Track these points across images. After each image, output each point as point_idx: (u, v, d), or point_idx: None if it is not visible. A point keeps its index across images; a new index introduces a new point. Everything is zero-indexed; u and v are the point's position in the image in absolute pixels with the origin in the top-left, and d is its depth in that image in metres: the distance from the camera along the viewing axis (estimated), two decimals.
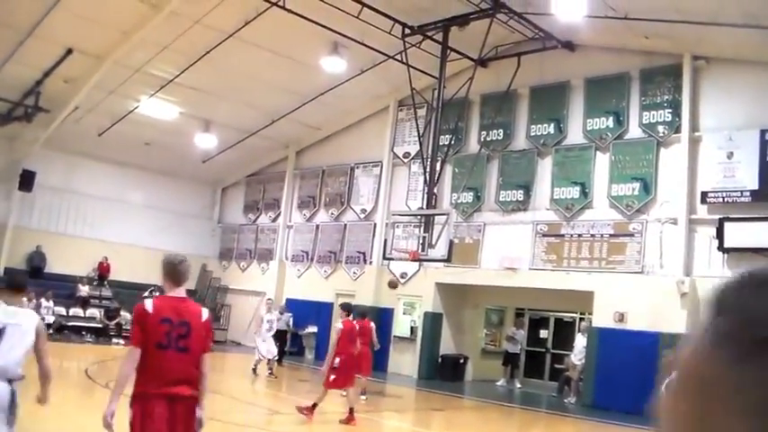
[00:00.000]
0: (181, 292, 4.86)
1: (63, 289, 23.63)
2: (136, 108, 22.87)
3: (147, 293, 24.45)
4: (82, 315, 23.01)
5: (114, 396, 4.65)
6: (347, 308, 12.43)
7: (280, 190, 27.04)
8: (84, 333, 22.33)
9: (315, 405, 11.21)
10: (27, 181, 23.72)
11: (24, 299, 5.74)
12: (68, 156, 25.28)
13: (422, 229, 20.05)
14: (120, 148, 25.33)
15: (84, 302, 23.49)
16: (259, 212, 27.92)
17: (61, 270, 24.73)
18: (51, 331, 21.39)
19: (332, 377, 11.25)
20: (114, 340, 22.27)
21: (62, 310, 22.55)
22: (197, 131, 24.26)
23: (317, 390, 11.97)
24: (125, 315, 23.35)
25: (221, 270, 28.60)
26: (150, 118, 23.21)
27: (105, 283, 25.07)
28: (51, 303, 22.02)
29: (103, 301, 23.71)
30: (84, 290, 23.85)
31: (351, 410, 11.32)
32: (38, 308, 21.38)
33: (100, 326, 22.81)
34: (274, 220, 27.11)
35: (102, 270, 25.56)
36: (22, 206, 24.60)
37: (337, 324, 11.81)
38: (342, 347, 11.30)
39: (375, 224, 22.96)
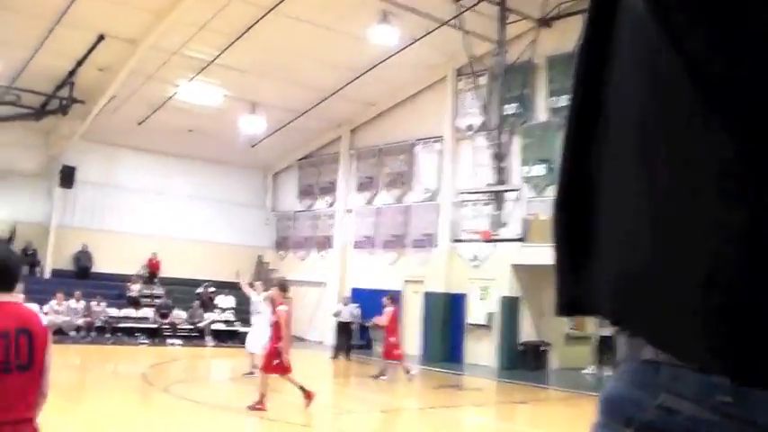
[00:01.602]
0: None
1: (112, 289, 24.64)
2: (176, 94, 23.66)
3: (201, 289, 25.39)
4: (134, 315, 23.90)
5: None
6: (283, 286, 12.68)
7: (335, 172, 27.54)
8: (137, 334, 23.22)
9: (262, 396, 11.52)
10: (67, 177, 24.78)
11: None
12: (108, 148, 26.35)
13: (492, 206, 20.19)
14: (162, 137, 26.24)
15: (136, 302, 24.42)
16: (315, 197, 28.49)
17: (109, 269, 25.77)
18: (108, 335, 22.48)
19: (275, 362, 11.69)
20: (169, 341, 23.14)
21: (113, 312, 23.44)
22: (242, 114, 24.84)
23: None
24: (179, 313, 24.21)
25: (278, 260, 29.36)
26: (192, 104, 23.97)
27: (156, 280, 26.00)
28: (103, 306, 22.94)
29: (155, 300, 24.57)
30: (134, 289, 24.74)
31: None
32: (87, 310, 22.42)
33: (153, 326, 23.70)
34: (332, 204, 27.65)
35: (152, 267, 26.48)
36: (64, 204, 25.76)
37: (281, 308, 12.16)
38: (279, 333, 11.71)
39: (440, 204, 23.17)
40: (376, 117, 26.10)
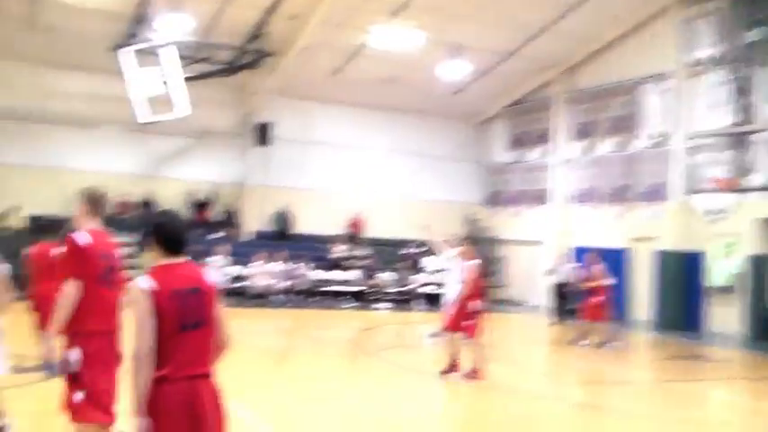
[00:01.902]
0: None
1: (314, 250, 25.71)
2: (370, 41, 24.05)
3: (408, 249, 25.88)
4: (338, 279, 24.78)
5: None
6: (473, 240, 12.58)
7: (548, 119, 27.08)
8: (341, 298, 24.07)
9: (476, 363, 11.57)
10: (263, 135, 25.97)
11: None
12: (303, 102, 27.40)
13: (733, 151, 19.07)
14: (359, 89, 26.90)
15: (339, 264, 25.34)
16: (527, 148, 28.17)
17: (310, 230, 26.84)
18: (312, 299, 23.48)
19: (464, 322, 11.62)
20: (375, 305, 23.92)
21: (316, 274, 24.40)
22: (443, 60, 24.79)
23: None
24: (385, 276, 24.82)
25: (489, 218, 29.46)
26: (388, 50, 24.30)
27: (359, 241, 26.78)
28: (306, 268, 23.96)
29: (360, 262, 25.30)
30: (337, 250, 25.54)
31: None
32: (290, 272, 23.51)
33: (358, 289, 24.49)
34: (545, 155, 27.21)
35: (355, 227, 27.23)
36: (261, 163, 27.03)
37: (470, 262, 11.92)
38: None
39: (671, 151, 22.12)
40: (593, 55, 25.27)
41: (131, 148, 25.58)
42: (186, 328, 4.03)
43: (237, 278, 23.12)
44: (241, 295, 22.51)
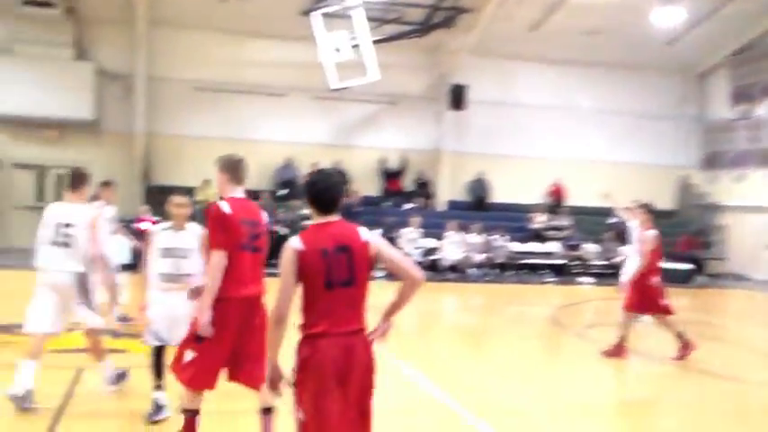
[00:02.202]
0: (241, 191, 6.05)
1: (512, 221, 25.39)
2: None
3: (615, 218, 25.04)
4: (538, 251, 24.38)
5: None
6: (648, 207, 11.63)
7: None
8: (542, 271, 23.67)
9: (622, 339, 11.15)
10: (458, 98, 25.77)
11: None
12: (500, 61, 26.98)
13: None
14: (559, 44, 26.16)
15: (540, 235, 24.91)
16: (754, 102, 26.39)
17: (507, 199, 26.52)
18: (510, 272, 23.21)
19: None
20: (579, 279, 23.26)
21: (514, 246, 24.09)
22: (655, 6, 23.55)
23: None
24: (589, 247, 24.16)
25: (707, 183, 28.03)
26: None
27: (561, 210, 26.19)
28: (503, 240, 23.68)
29: (561, 233, 24.75)
30: (537, 220, 25.13)
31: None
32: (486, 244, 23.31)
33: (560, 262, 23.98)
34: None
35: (556, 195, 26.68)
36: (455, 128, 26.95)
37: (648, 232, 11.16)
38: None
39: None
40: None
41: (321, 117, 26.21)
42: (335, 286, 4.37)
43: (430, 251, 23.15)
44: (433, 269, 22.53)
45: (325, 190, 4.53)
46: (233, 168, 6.09)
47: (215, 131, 25.10)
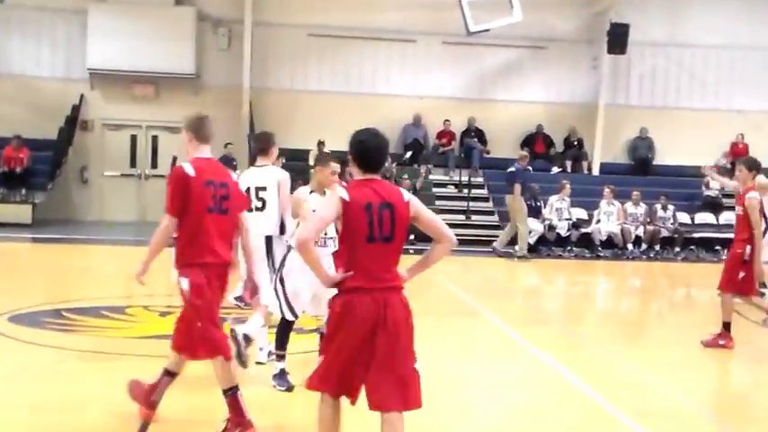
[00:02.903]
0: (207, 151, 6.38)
1: (682, 187, 24.65)
2: None
3: None
4: (712, 223, 23.60)
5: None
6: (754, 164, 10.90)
7: None
8: (718, 248, 22.88)
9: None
10: (618, 39, 24.86)
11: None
12: None
13: None
14: None
15: (714, 204, 24.07)
16: None
17: (676, 161, 25.66)
18: (678, 248, 22.55)
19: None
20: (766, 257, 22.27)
21: (683, 218, 23.38)
22: None
23: None
24: None
25: None
26: None
27: None
28: (670, 210, 22.96)
29: None
30: (713, 186, 24.30)
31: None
32: (650, 215, 22.65)
33: None
34: None
35: (737, 155, 25.70)
36: (614, 77, 26.33)
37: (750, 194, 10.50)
38: None
39: None
40: None
41: (454, 66, 26.02)
42: (375, 241, 4.99)
43: (581, 222, 22.57)
44: (585, 244, 22.03)
45: (373, 149, 5.21)
46: (196, 127, 6.36)
47: (332, 85, 25.22)
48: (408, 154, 24.28)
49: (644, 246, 22.55)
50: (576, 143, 25.83)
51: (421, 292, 11.69)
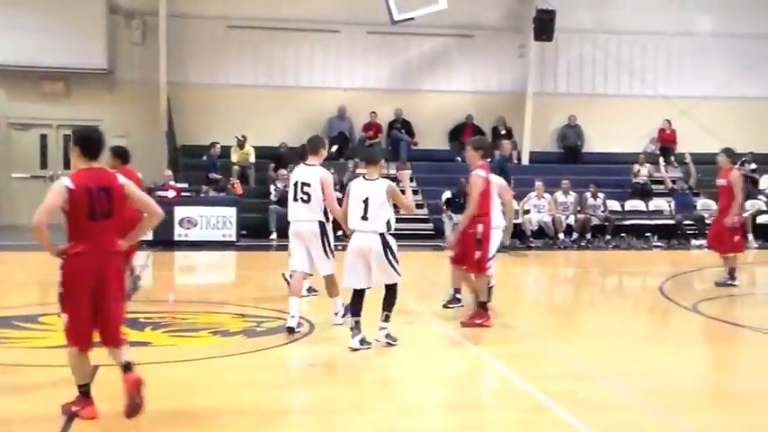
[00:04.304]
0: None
1: (610, 174, 24.83)
2: None
3: (740, 166, 24.30)
4: (642, 209, 23.79)
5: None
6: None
7: None
8: (647, 234, 23.07)
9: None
10: (545, 26, 24.89)
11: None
12: None
13: None
14: None
15: (644, 191, 24.17)
16: None
17: (605, 148, 25.90)
18: (609, 236, 22.65)
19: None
20: (694, 242, 22.54)
21: (613, 205, 23.54)
22: None
23: None
24: (707, 203, 23.48)
25: None
26: None
27: (671, 159, 25.49)
28: (600, 198, 23.08)
29: (671, 187, 24.01)
30: (641, 173, 24.53)
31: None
32: (580, 204, 22.75)
33: (669, 222, 23.29)
34: None
35: (665, 140, 25.99)
36: (541, 65, 26.47)
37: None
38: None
39: None
40: None
41: (379, 57, 25.98)
42: (96, 217, 6.31)
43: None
44: (515, 235, 22.01)
45: (94, 141, 6.57)
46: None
47: (253, 79, 24.95)
48: (334, 148, 24.03)
49: (575, 234, 22.64)
50: (504, 133, 25.80)
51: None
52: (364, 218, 9.20)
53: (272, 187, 22.37)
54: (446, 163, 24.85)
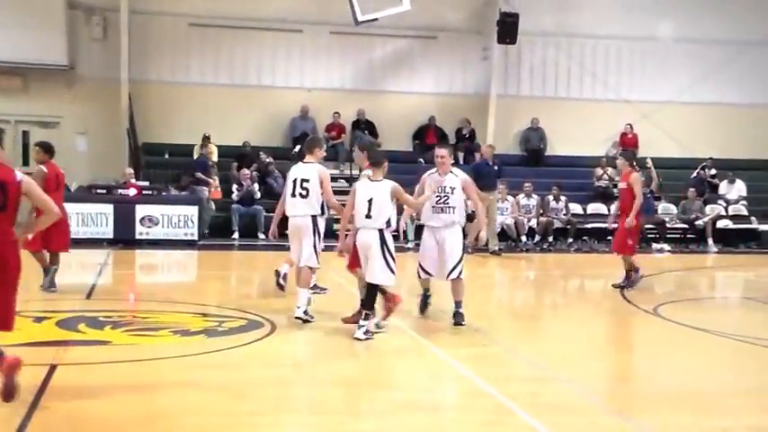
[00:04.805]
0: None
1: (572, 178, 24.89)
2: None
3: (699, 171, 24.52)
4: (604, 212, 23.87)
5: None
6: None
7: None
8: (609, 238, 23.18)
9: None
10: (508, 29, 24.96)
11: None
12: None
13: None
14: None
15: (605, 195, 24.36)
16: None
17: (568, 151, 25.99)
18: (571, 239, 22.75)
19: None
20: (655, 245, 22.85)
21: (576, 208, 23.64)
22: None
23: None
24: (667, 207, 23.69)
25: None
26: None
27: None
28: (563, 201, 23.15)
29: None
30: (603, 177, 24.64)
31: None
32: (542, 207, 22.84)
33: None
34: None
35: (627, 144, 26.17)
36: (504, 67, 26.53)
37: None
38: None
39: None
40: None
41: (343, 57, 25.98)
42: None
43: (473, 215, 22.50)
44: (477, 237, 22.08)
45: None
46: None
47: (216, 77, 24.88)
48: (297, 148, 23.95)
49: (537, 237, 22.71)
50: (467, 135, 25.85)
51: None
52: (368, 216, 10.03)
53: (234, 186, 22.31)
54: (409, 164, 24.82)
